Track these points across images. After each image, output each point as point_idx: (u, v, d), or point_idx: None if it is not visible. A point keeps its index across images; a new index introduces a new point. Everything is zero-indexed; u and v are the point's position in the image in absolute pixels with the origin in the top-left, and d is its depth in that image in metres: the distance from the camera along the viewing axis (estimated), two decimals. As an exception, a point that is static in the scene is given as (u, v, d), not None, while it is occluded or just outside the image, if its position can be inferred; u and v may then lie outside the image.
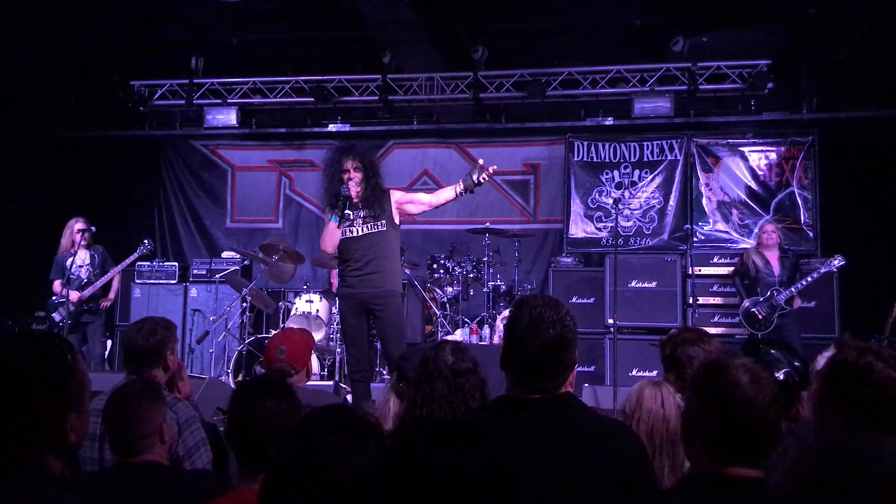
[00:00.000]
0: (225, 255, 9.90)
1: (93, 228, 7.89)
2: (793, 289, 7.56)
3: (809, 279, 7.56)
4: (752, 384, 1.84)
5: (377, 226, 5.52)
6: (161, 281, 9.58)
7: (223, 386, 6.51)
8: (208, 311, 9.21)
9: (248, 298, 8.27)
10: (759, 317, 7.65)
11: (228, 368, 8.09)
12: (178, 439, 3.15)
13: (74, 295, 7.73)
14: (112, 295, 8.17)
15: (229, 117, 9.73)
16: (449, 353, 2.88)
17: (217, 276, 9.27)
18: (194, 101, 9.73)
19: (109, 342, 8.99)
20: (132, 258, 8.18)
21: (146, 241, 8.23)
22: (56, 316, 7.77)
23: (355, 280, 5.48)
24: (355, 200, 5.45)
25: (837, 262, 7.58)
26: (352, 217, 5.44)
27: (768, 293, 7.64)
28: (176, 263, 9.80)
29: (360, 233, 5.50)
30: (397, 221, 5.65)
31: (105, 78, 10.11)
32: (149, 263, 9.54)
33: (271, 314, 8.92)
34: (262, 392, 2.29)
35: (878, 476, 1.05)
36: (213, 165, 11.07)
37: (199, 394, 5.26)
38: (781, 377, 2.55)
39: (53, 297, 7.88)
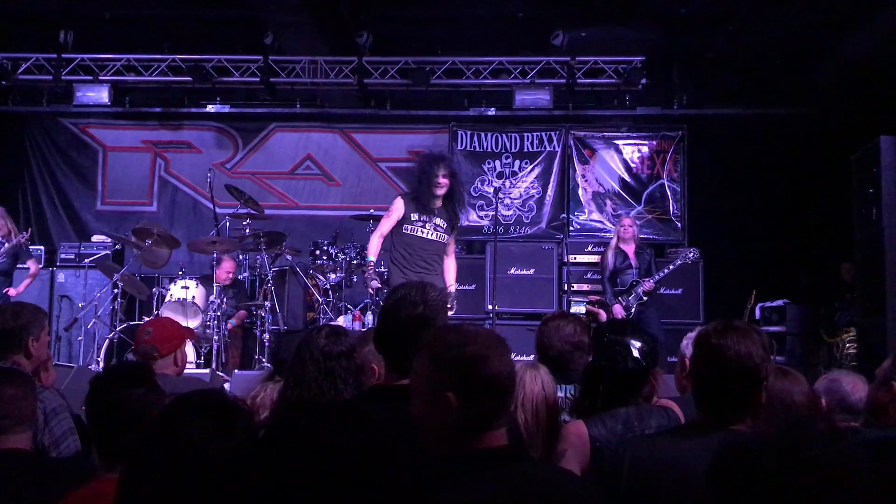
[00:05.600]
0: (95, 238, 9.52)
1: None
2: (652, 279, 7.85)
3: (666, 270, 7.88)
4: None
5: (443, 237, 6.36)
6: (25, 265, 9.06)
7: (92, 375, 6.26)
8: (77, 298, 8.83)
9: (120, 284, 7.96)
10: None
11: (99, 357, 7.78)
12: (45, 429, 3.06)
13: (14, 291, 7.52)
14: None
15: (101, 95, 9.33)
16: (323, 337, 2.87)
17: (87, 260, 8.90)
18: (63, 77, 9.22)
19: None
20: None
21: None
22: None
23: (420, 278, 5.85)
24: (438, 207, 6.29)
25: (692, 255, 8.01)
26: (426, 219, 6.27)
27: (629, 284, 7.92)
28: (41, 247, 9.35)
29: (430, 237, 6.28)
30: None
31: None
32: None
33: (144, 301, 8.61)
34: (120, 380, 2.25)
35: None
36: (83, 145, 10.56)
37: (67, 383, 5.04)
38: (637, 355, 2.72)
39: None
